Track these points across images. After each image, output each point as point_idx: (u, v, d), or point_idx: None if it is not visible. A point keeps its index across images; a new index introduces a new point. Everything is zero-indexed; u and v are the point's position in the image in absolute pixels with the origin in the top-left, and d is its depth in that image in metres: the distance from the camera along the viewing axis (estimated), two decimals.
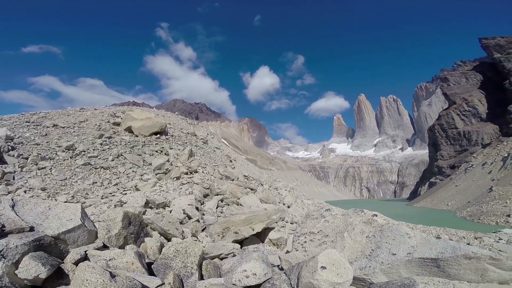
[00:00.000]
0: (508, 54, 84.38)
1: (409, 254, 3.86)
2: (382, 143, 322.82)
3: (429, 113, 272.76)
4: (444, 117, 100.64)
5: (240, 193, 11.46)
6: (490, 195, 49.17)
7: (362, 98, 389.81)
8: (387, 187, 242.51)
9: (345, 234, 4.51)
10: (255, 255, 3.49)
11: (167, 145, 17.00)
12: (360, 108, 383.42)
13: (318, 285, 3.05)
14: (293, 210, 12.56)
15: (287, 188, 23.03)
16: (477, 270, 3.56)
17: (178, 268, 3.38)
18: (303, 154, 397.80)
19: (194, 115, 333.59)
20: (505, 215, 37.33)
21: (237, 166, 22.55)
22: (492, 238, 18.64)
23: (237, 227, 6.03)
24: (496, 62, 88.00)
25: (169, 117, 29.32)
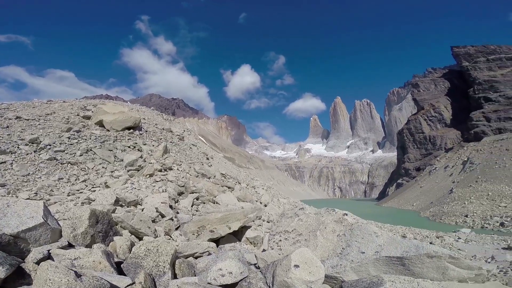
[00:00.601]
0: (476, 63, 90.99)
1: (376, 253, 3.98)
2: (355, 145, 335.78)
3: (399, 118, 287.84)
4: (413, 122, 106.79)
5: (217, 191, 11.35)
6: (451, 196, 52.91)
7: (338, 101, 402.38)
8: (358, 187, 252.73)
9: (317, 233, 4.61)
10: (231, 253, 3.47)
11: (141, 140, 16.40)
12: (336, 111, 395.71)
13: (292, 283, 3.10)
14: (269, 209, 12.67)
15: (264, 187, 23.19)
16: (439, 268, 3.72)
17: (149, 267, 3.29)
18: (280, 153, 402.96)
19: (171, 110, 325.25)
20: (463, 215, 40.34)
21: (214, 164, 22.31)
22: (452, 237, 20.18)
23: (213, 226, 5.96)
24: (464, 70, 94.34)
25: (144, 112, 28.30)
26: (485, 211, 39.49)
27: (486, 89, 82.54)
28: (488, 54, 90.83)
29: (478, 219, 37.25)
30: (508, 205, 39.17)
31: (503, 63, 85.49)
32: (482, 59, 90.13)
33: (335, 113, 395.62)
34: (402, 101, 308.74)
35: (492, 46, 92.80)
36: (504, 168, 53.31)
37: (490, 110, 77.60)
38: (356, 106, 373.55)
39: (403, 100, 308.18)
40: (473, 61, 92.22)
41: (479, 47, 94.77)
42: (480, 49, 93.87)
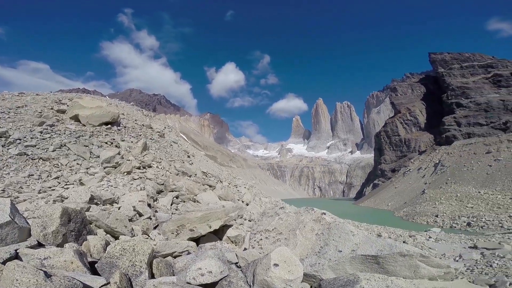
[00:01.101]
0: (450, 70, 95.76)
1: (353, 251, 4.08)
2: (334, 146, 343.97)
3: (377, 120, 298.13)
4: (389, 125, 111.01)
5: (198, 189, 11.21)
6: (423, 197, 55.55)
7: (320, 102, 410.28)
8: (336, 187, 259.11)
9: (297, 231, 4.67)
10: (211, 252, 3.45)
11: (119, 136, 15.86)
12: (317, 112, 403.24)
13: (271, 282, 3.13)
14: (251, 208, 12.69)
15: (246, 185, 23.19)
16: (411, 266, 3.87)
17: (125, 267, 3.21)
18: (262, 152, 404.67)
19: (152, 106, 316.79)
20: (434, 215, 42.48)
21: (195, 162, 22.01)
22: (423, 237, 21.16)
23: (193, 225, 5.89)
24: (439, 76, 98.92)
25: (123, 107, 27.37)
26: (453, 211, 41.73)
27: (458, 95, 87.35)
28: (462, 61, 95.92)
29: (447, 219, 39.29)
30: (474, 206, 41.64)
31: (475, 71, 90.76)
32: (457, 66, 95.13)
33: (317, 114, 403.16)
34: (381, 104, 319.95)
35: (467, 54, 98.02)
36: (472, 171, 56.77)
37: (461, 115, 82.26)
38: (337, 108, 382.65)
39: (381, 103, 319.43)
40: (448, 67, 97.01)
41: (455, 54, 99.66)
42: (455, 56, 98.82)
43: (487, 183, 49.11)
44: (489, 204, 40.73)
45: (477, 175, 53.96)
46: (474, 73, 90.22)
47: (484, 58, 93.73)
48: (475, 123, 77.77)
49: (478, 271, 11.49)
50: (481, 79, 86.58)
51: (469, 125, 78.68)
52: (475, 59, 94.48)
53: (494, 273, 10.71)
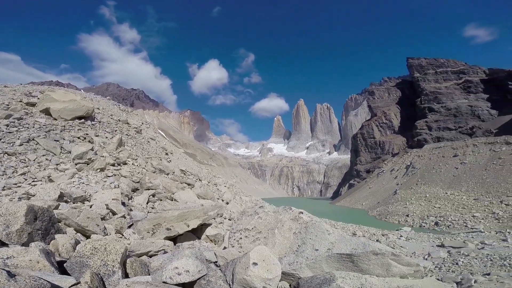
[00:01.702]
0: (425, 75, 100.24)
1: (329, 250, 4.15)
2: (313, 146, 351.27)
3: (355, 123, 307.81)
4: (366, 127, 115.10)
5: (176, 188, 10.98)
6: (395, 197, 58.08)
7: (301, 103, 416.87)
8: (314, 187, 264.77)
9: (275, 230, 4.70)
10: (188, 251, 3.39)
11: (93, 131, 15.16)
12: (298, 113, 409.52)
13: (251, 281, 3.13)
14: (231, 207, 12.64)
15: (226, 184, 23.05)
16: (383, 265, 3.98)
17: (96, 266, 3.10)
18: (244, 151, 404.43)
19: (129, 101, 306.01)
20: (405, 215, 44.53)
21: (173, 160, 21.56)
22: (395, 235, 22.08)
23: (170, 223, 5.75)
24: (414, 81, 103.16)
25: (98, 101, 26.21)
26: (423, 211, 43.95)
27: (431, 100, 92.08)
28: (437, 67, 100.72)
29: (417, 218, 41.30)
30: (441, 206, 44.10)
31: (448, 76, 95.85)
32: (432, 71, 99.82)
33: (298, 115, 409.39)
34: (359, 107, 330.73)
35: (442, 60, 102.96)
36: (440, 173, 60.22)
37: (432, 120, 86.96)
38: (317, 109, 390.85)
39: (359, 106, 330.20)
40: (423, 72, 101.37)
41: (431, 60, 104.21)
42: (431, 62, 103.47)
43: (453, 185, 52.26)
44: (454, 204, 43.28)
45: (445, 177, 57.30)
46: (447, 79, 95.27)
47: (457, 64, 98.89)
48: (444, 128, 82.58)
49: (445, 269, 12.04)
50: (453, 84, 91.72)
51: (439, 129, 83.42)
52: (449, 65, 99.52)
53: (460, 271, 11.31)
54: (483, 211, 37.28)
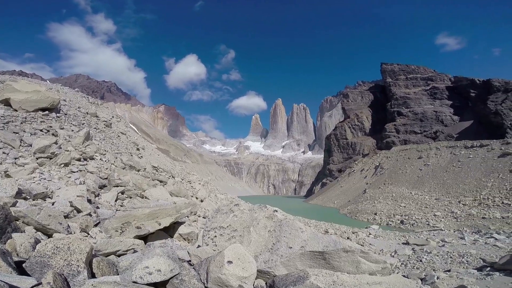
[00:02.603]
0: (397, 80, 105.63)
1: (302, 248, 4.20)
2: (289, 146, 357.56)
3: (329, 124, 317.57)
4: (339, 128, 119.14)
5: (147, 185, 10.58)
6: (364, 196, 60.76)
7: (278, 103, 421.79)
8: (289, 185, 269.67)
9: (251, 228, 4.68)
10: (159, 250, 3.26)
11: (57, 124, 14.16)
12: (276, 112, 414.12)
13: (226, 280, 3.08)
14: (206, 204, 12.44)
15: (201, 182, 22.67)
16: (353, 262, 4.10)
17: (59, 266, 2.92)
18: (220, 148, 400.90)
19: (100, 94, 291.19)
20: (373, 213, 46.64)
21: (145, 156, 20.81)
22: (364, 233, 22.98)
23: (140, 222, 5.50)
24: (386, 85, 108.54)
25: (65, 93, 24.60)
26: (389, 210, 46.29)
27: (400, 104, 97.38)
28: (408, 73, 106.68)
29: (384, 217, 43.39)
30: (406, 205, 46.74)
31: (417, 82, 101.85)
32: (403, 77, 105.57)
33: (275, 114, 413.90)
34: (333, 108, 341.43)
35: (413, 66, 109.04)
36: (405, 173, 63.95)
37: (400, 123, 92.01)
38: (294, 109, 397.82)
39: (334, 108, 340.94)
40: (395, 78, 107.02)
41: (403, 66, 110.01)
42: (403, 68, 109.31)
43: (417, 185, 55.73)
44: (418, 203, 46.11)
45: (410, 177, 60.94)
46: (416, 85, 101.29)
47: (426, 71, 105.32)
48: (411, 131, 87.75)
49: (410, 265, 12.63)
50: (421, 90, 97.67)
51: (406, 132, 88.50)
52: (419, 72, 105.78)
53: (424, 268, 11.96)
54: (443, 210, 40.03)
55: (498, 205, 35.77)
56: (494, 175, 44.93)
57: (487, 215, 33.07)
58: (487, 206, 36.79)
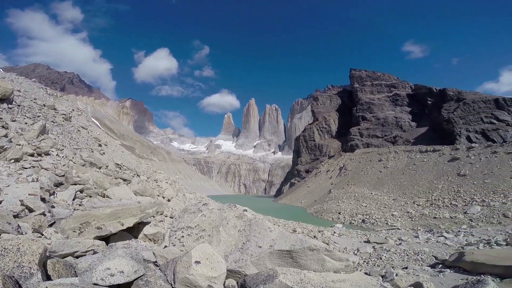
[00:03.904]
0: (363, 86, 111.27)
1: (271, 247, 4.26)
2: (260, 146, 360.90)
3: (299, 125, 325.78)
4: (308, 130, 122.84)
5: (109, 183, 10.01)
6: (329, 196, 63.23)
7: (252, 102, 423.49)
8: (259, 185, 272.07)
9: (220, 228, 4.65)
10: (121, 251, 3.11)
11: (8, 116, 12.87)
12: (249, 111, 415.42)
13: (194, 280, 3.04)
14: (173, 204, 12.09)
15: (168, 180, 22.00)
16: (318, 260, 4.24)
17: (9, 268, 2.70)
18: (189, 146, 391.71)
19: (60, 85, 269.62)
20: (338, 212, 48.61)
21: (108, 152, 19.71)
22: (329, 232, 23.80)
23: (100, 222, 5.19)
24: (354, 91, 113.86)
25: (20, 83, 22.45)
26: (352, 209, 48.55)
27: (365, 109, 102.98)
28: (374, 79, 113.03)
29: (347, 216, 45.39)
30: (367, 205, 49.43)
31: (381, 89, 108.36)
32: (369, 83, 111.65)
33: (248, 113, 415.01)
34: (303, 111, 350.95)
35: (379, 73, 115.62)
36: (367, 175, 67.82)
37: (364, 127, 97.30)
38: (266, 109, 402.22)
39: (304, 110, 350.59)
40: (362, 83, 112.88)
41: (370, 72, 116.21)
42: (370, 74, 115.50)
43: (377, 186, 59.35)
44: (378, 203, 49.03)
45: (371, 178, 64.72)
46: (380, 91, 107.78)
47: (391, 78, 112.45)
48: (373, 135, 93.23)
49: (372, 263, 13.22)
50: (384, 97, 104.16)
51: (369, 136, 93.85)
52: (383, 79, 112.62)
53: (384, 265, 12.59)
54: (400, 210, 42.99)
55: (447, 206, 39.29)
56: (444, 178, 49.39)
57: (438, 215, 35.96)
58: (438, 206, 40.25)
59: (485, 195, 38.30)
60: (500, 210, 31.61)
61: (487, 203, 35.09)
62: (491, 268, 8.09)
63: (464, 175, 46.93)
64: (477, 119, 67.44)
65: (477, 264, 8.54)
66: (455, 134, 66.94)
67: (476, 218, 31.72)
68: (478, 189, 41.01)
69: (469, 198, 39.21)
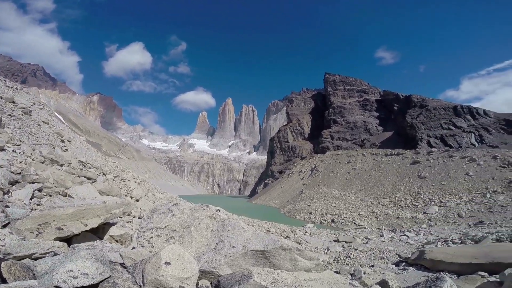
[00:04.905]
0: (336, 90, 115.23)
1: (245, 247, 4.26)
2: (235, 145, 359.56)
3: (274, 127, 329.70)
4: (282, 132, 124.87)
5: (71, 182, 9.41)
6: (301, 196, 64.71)
7: (228, 102, 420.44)
8: (234, 185, 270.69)
9: (192, 228, 4.57)
10: (84, 253, 2.95)
11: None
12: (225, 111, 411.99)
13: (164, 281, 2.96)
14: (142, 204, 11.64)
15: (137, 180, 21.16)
16: (291, 260, 4.30)
17: None
18: (161, 145, 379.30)
19: (22, 77, 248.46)
20: (309, 212, 49.88)
21: (71, 149, 18.53)
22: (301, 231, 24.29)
23: (61, 222, 4.86)
24: (327, 94, 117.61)
25: None
26: (322, 209, 50.09)
27: (336, 113, 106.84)
28: (346, 84, 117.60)
29: (318, 216, 46.70)
30: (337, 205, 51.23)
31: (353, 94, 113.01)
32: (342, 87, 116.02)
33: (224, 113, 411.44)
34: (279, 112, 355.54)
35: (351, 78, 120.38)
36: (336, 176, 70.43)
37: (335, 130, 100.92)
38: (243, 110, 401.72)
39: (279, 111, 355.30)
40: (335, 88, 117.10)
41: (343, 77, 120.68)
42: (343, 79, 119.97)
43: (346, 187, 61.85)
44: (346, 204, 51.04)
45: (340, 179, 67.30)
46: (352, 96, 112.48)
47: (362, 84, 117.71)
48: (343, 138, 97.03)
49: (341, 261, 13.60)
50: (355, 101, 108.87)
51: (339, 139, 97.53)
52: (355, 84, 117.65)
53: (352, 264, 13.02)
54: (367, 210, 45.18)
55: (409, 206, 42.01)
56: (406, 180, 52.75)
57: (400, 215, 38.27)
58: (400, 207, 42.87)
59: (442, 196, 41.49)
60: (455, 210, 34.41)
61: (444, 204, 38.04)
62: (448, 266, 8.55)
63: (424, 177, 50.49)
64: (437, 125, 72.89)
65: (436, 262, 9.00)
66: (417, 139, 71.77)
67: (434, 217, 34.22)
68: (436, 190, 44.35)
69: (428, 199, 42.22)
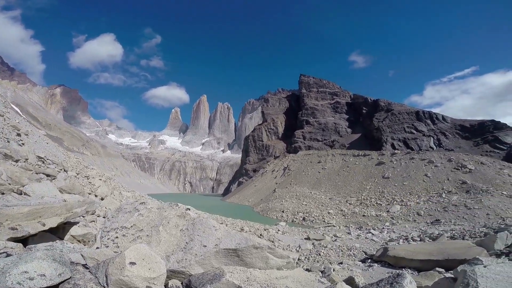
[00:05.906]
0: (310, 92, 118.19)
1: (216, 246, 4.26)
2: (209, 143, 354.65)
3: (249, 125, 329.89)
4: (257, 131, 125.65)
5: (28, 179, 8.72)
6: (274, 195, 65.52)
7: (203, 99, 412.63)
8: (207, 183, 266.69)
9: (160, 228, 4.46)
10: (41, 253, 2.76)
11: None
12: (199, 108, 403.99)
13: (129, 281, 2.88)
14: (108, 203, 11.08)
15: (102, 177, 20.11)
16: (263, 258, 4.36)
17: None
18: (129, 141, 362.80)
19: None
20: (281, 211, 50.42)
21: (28, 143, 17.15)
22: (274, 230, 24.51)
23: (15, 222, 4.49)
24: (301, 96, 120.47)
25: None
26: (294, 208, 50.89)
27: (309, 114, 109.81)
28: (320, 86, 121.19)
29: (290, 214, 47.37)
30: (307, 203, 52.43)
31: (325, 96, 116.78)
32: (315, 89, 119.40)
33: (198, 110, 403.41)
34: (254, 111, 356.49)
35: (325, 81, 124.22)
36: (307, 175, 72.40)
37: (307, 131, 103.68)
38: (218, 107, 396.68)
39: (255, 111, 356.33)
40: (309, 89, 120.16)
41: (317, 80, 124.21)
42: (316, 81, 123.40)
43: (316, 186, 63.77)
44: (316, 202, 52.50)
45: (311, 179, 69.25)
46: (324, 98, 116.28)
47: (334, 87, 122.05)
48: (314, 139, 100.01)
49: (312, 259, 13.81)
50: (327, 103, 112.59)
51: (311, 139, 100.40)
52: (328, 87, 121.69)
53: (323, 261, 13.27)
54: (335, 208, 46.82)
55: (374, 205, 44.33)
56: (371, 180, 55.67)
57: (366, 213, 40.12)
58: (366, 205, 45.10)
59: (403, 196, 44.37)
60: (415, 209, 36.92)
61: (405, 203, 40.68)
62: (409, 262, 9.06)
63: (387, 177, 53.63)
64: (400, 128, 77.79)
65: (398, 259, 9.52)
66: (382, 141, 76.07)
67: (396, 216, 36.43)
68: (398, 190, 47.32)
69: (391, 198, 44.90)
